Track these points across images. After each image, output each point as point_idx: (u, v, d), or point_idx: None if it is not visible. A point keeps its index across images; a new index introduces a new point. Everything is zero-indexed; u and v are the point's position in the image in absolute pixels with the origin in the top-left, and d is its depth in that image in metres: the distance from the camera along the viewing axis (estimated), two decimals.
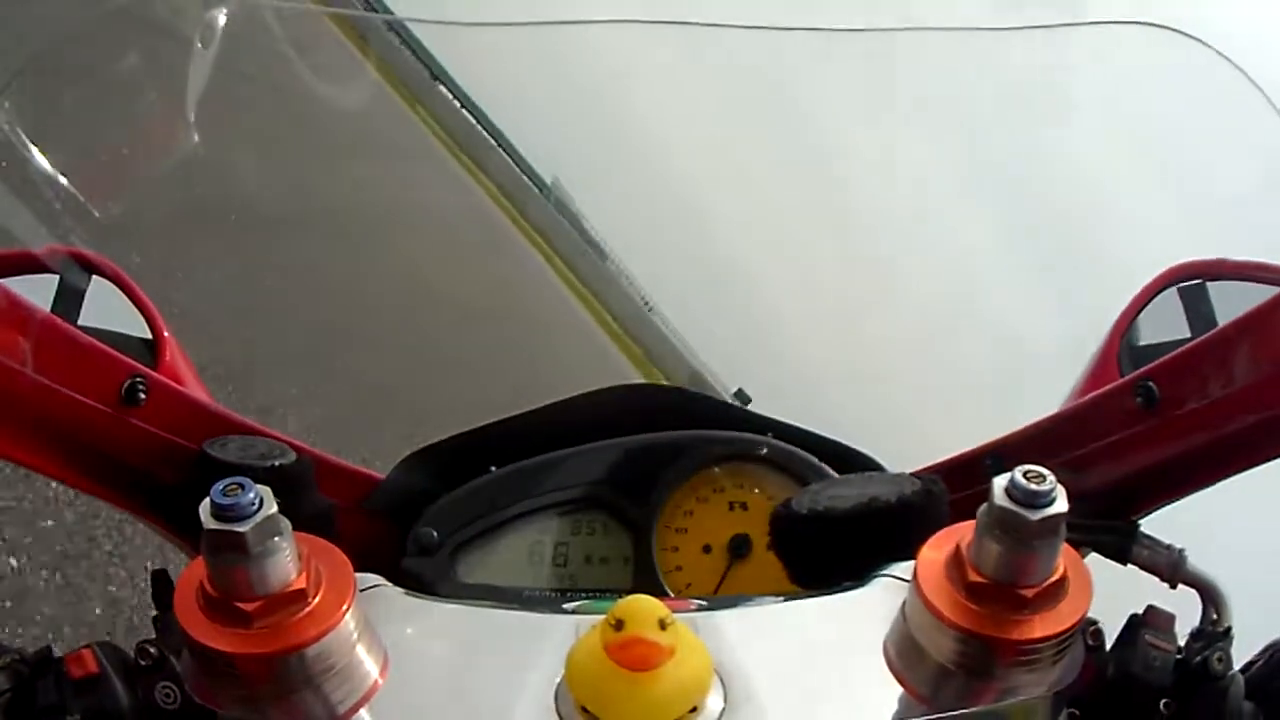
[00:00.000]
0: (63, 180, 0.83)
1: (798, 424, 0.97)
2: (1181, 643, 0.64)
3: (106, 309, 0.94)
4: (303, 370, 4.80)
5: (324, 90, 0.99)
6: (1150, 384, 0.72)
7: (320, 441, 0.85)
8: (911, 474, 0.79)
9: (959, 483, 0.80)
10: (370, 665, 0.54)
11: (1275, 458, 0.70)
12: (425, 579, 0.88)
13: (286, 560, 0.50)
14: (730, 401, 0.98)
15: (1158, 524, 0.78)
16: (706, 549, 0.93)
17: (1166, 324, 0.94)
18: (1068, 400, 0.95)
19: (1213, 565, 0.75)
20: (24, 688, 0.60)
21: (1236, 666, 0.63)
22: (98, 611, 2.67)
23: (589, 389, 0.98)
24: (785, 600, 0.67)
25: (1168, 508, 0.77)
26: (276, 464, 0.75)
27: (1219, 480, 0.73)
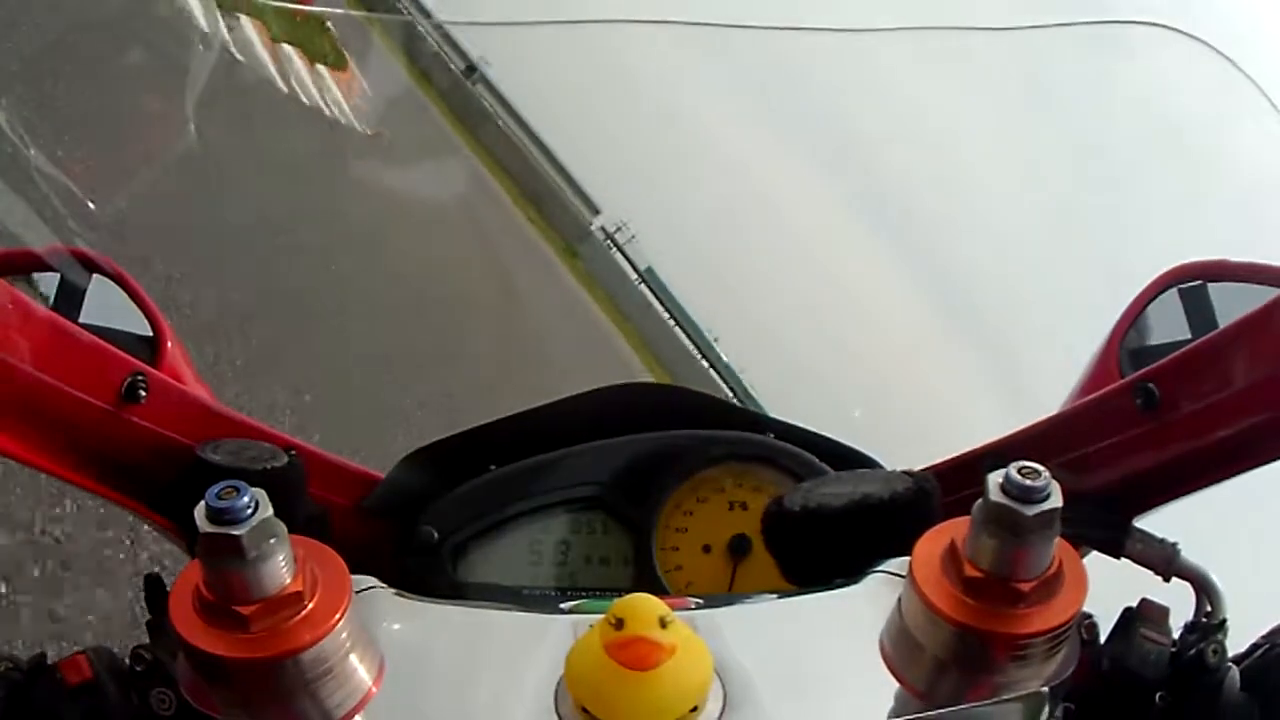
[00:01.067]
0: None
1: (798, 424, 0.97)
2: (1176, 636, 0.65)
3: (107, 307, 0.94)
4: None
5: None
6: (1150, 385, 0.72)
7: None
8: (905, 472, 0.79)
9: (958, 483, 0.80)
10: (367, 668, 0.54)
11: (1276, 459, 0.70)
12: (425, 578, 0.88)
13: (282, 563, 0.50)
14: (730, 401, 0.98)
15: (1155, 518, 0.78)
16: (706, 549, 0.93)
17: (1167, 325, 0.93)
18: (1068, 401, 0.95)
19: None
20: (18, 694, 0.60)
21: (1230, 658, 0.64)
22: None
23: (589, 388, 0.98)
24: (782, 598, 0.68)
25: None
26: (269, 467, 0.75)
27: (1219, 481, 0.73)
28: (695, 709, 0.52)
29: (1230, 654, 0.64)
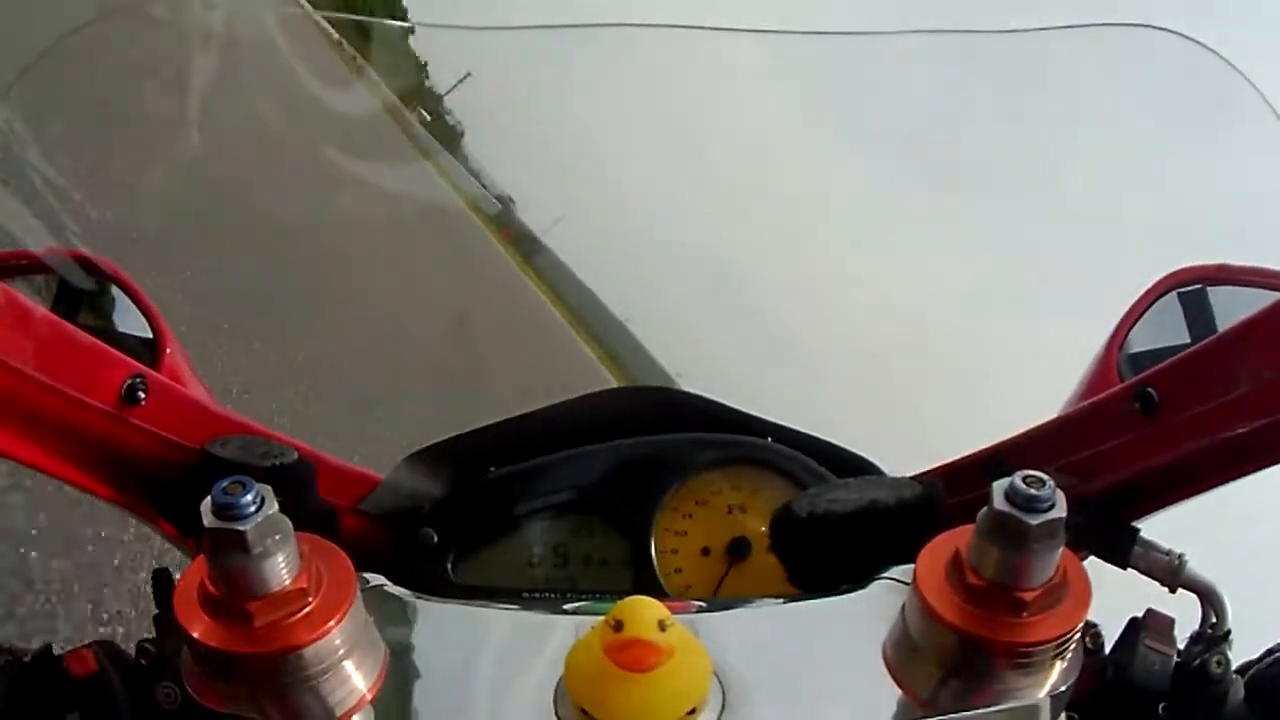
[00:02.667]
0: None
1: (797, 427, 0.97)
2: (1181, 646, 0.65)
3: (107, 309, 0.94)
4: None
5: None
6: (1149, 389, 0.72)
7: None
8: (911, 478, 0.79)
9: (959, 487, 0.80)
10: (370, 666, 0.54)
11: (1275, 464, 0.70)
12: (424, 580, 0.88)
13: (287, 559, 0.50)
14: (729, 405, 0.98)
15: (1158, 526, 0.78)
16: (705, 551, 0.93)
17: (1166, 329, 0.93)
18: (1068, 405, 0.95)
19: None
20: (21, 686, 0.60)
21: (1234, 670, 0.63)
22: None
23: (588, 391, 0.98)
24: (785, 602, 0.68)
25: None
26: (277, 463, 0.75)
27: (1218, 485, 0.73)
28: (693, 711, 0.52)
29: (1236, 665, 0.64)
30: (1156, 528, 0.78)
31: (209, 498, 0.48)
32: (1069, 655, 0.53)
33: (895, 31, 0.84)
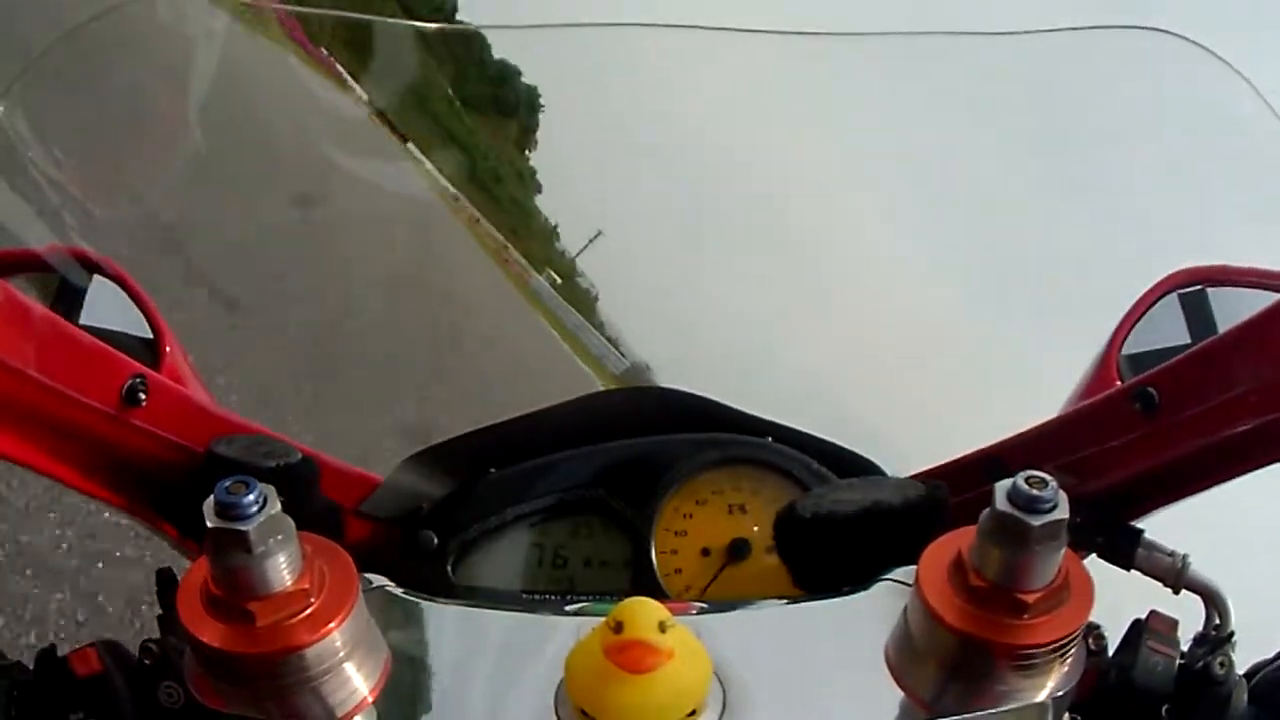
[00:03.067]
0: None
1: (797, 427, 0.97)
2: (1185, 648, 0.65)
3: (108, 308, 0.94)
4: None
5: None
6: (1149, 390, 0.72)
7: None
8: (914, 478, 0.79)
9: (959, 486, 0.80)
10: (371, 667, 0.54)
11: (1274, 463, 0.70)
12: (425, 582, 0.88)
13: (289, 560, 0.50)
14: (729, 404, 0.98)
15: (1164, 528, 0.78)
16: (705, 552, 0.93)
17: (1167, 330, 0.94)
18: (1068, 404, 0.95)
19: None
20: (27, 687, 0.60)
21: (1241, 671, 0.63)
22: None
23: (588, 392, 0.98)
24: (787, 603, 0.68)
25: None
26: (281, 463, 0.75)
27: (1218, 484, 0.73)
28: (694, 713, 0.52)
29: (1244, 668, 0.64)
30: (1158, 527, 0.78)
31: (211, 497, 0.48)
32: (1071, 657, 0.53)
33: (895, 33, 0.84)
